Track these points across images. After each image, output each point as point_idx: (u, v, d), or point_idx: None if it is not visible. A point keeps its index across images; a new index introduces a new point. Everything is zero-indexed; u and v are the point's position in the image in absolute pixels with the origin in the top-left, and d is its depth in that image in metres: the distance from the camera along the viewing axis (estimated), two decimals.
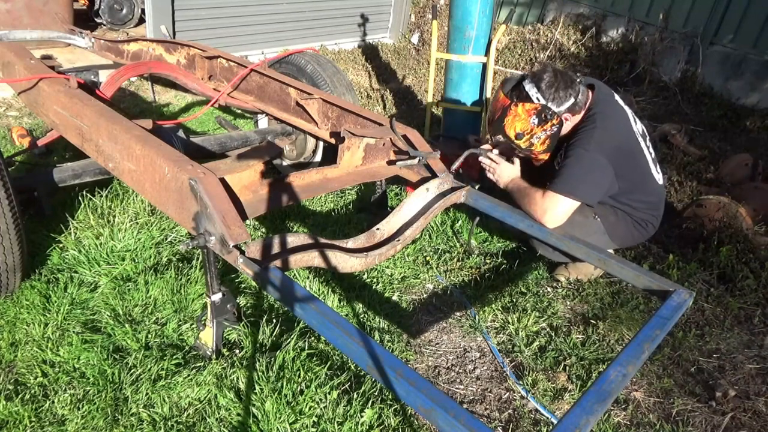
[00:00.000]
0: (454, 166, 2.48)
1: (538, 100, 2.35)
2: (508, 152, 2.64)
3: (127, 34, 6.06)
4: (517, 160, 2.63)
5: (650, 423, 2.18)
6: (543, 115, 2.36)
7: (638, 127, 2.57)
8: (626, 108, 2.57)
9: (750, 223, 3.23)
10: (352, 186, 3.48)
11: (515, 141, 2.45)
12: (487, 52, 3.76)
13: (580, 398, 1.47)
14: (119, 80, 3.05)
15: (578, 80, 2.42)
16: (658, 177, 2.62)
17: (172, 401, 2.01)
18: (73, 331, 2.25)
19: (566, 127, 2.48)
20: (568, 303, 2.79)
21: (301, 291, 1.74)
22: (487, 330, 2.57)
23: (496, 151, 2.65)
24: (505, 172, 2.59)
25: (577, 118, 2.47)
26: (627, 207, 2.57)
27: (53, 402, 1.98)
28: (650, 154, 2.58)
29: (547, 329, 2.59)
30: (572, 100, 2.38)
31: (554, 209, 2.33)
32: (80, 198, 2.96)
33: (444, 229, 3.24)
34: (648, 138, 2.62)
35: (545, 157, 2.54)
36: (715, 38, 5.99)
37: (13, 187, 2.18)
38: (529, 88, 2.37)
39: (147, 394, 2.02)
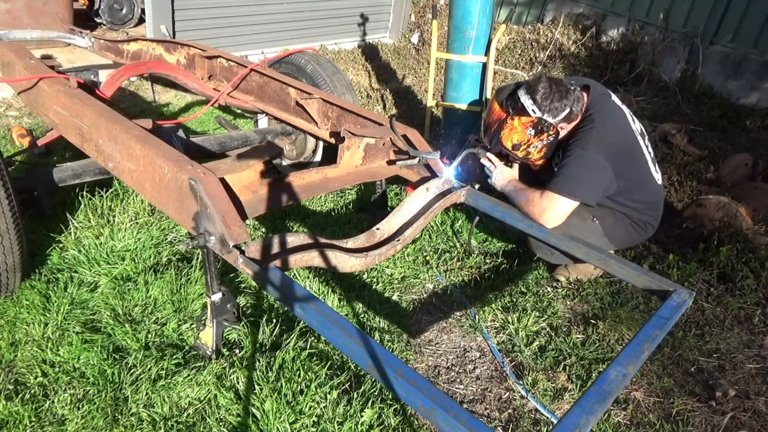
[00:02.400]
0: (452, 165, 2.48)
1: (534, 113, 2.36)
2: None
3: (127, 34, 6.06)
4: (507, 169, 2.62)
5: (650, 423, 2.18)
6: (539, 127, 2.37)
7: (636, 126, 2.57)
8: (623, 107, 2.57)
9: (750, 223, 3.23)
10: (352, 186, 3.48)
11: (512, 151, 2.46)
12: (487, 52, 3.76)
13: (580, 398, 1.47)
14: (119, 80, 3.05)
15: (572, 88, 2.41)
16: (657, 177, 2.62)
17: (172, 401, 2.01)
18: (73, 331, 2.25)
19: (563, 133, 2.48)
20: (568, 303, 2.79)
21: (301, 291, 1.74)
22: (487, 330, 2.57)
23: (493, 161, 2.63)
24: (502, 174, 2.59)
25: (575, 122, 2.47)
26: (625, 208, 2.57)
27: (53, 402, 1.98)
28: (649, 153, 2.58)
29: (547, 329, 2.59)
30: (568, 110, 2.38)
31: (553, 209, 2.33)
32: (80, 198, 2.96)
33: (444, 229, 3.24)
34: (647, 137, 2.62)
35: (542, 162, 2.55)
36: (715, 38, 5.99)
37: (13, 187, 2.18)
38: (525, 100, 2.37)
39: (147, 394, 2.02)
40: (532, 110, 2.35)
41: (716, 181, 4.00)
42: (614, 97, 2.57)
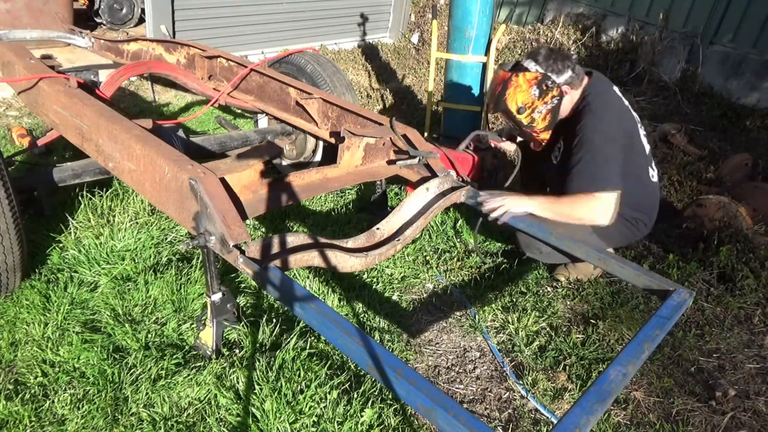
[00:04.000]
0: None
1: (538, 71, 2.41)
2: (510, 137, 2.65)
3: (127, 33, 6.07)
4: (514, 194, 2.43)
5: (650, 423, 2.18)
6: (543, 85, 2.40)
7: (635, 116, 2.59)
8: (624, 99, 2.59)
9: (750, 223, 3.23)
10: (352, 186, 3.48)
11: (517, 116, 2.47)
12: (487, 52, 3.76)
13: (580, 398, 1.47)
14: (119, 80, 3.04)
15: (574, 57, 2.49)
16: (653, 174, 2.62)
17: (172, 401, 2.01)
18: (73, 331, 2.25)
19: (565, 105, 2.49)
20: (568, 303, 2.79)
21: (301, 291, 1.74)
22: (487, 330, 2.57)
23: (496, 199, 2.37)
24: (515, 201, 2.34)
25: (576, 94, 2.49)
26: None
27: (53, 402, 1.98)
28: (646, 147, 2.59)
29: (547, 329, 2.59)
30: (570, 71, 2.44)
31: (604, 208, 2.32)
32: (80, 198, 2.96)
33: (444, 229, 3.24)
34: (647, 135, 2.64)
35: (546, 136, 2.53)
36: (715, 38, 5.99)
37: (13, 187, 2.18)
38: (528, 63, 2.45)
39: (147, 393, 2.02)
40: (536, 69, 2.42)
41: (716, 181, 4.00)
42: (616, 89, 2.59)
